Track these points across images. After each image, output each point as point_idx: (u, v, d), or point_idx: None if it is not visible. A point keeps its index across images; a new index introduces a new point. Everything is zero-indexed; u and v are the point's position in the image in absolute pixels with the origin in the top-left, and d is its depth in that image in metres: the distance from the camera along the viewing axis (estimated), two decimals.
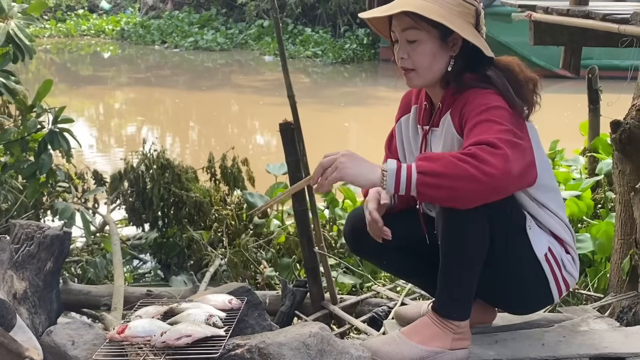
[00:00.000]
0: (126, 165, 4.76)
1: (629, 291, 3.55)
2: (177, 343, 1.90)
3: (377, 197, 2.38)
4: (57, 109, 3.59)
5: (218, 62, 17.17)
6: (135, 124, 11.52)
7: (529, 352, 2.24)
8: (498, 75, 2.19)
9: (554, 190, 2.34)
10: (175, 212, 4.57)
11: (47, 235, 2.15)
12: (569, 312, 2.65)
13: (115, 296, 3.47)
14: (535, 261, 2.24)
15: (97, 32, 21.40)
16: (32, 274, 2.09)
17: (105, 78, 15.50)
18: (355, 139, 10.41)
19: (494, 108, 2.09)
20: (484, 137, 2.00)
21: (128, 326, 1.97)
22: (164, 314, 2.11)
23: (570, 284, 2.33)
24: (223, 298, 2.15)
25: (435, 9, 2.15)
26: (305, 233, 3.49)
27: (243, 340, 1.94)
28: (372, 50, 16.72)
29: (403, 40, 2.23)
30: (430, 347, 2.24)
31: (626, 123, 3.59)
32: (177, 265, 4.82)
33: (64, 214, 3.61)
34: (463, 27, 2.17)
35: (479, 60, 2.21)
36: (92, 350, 1.91)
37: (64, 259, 2.25)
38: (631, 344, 2.25)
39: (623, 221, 3.72)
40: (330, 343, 1.92)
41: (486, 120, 2.06)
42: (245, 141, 9.96)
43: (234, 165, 4.95)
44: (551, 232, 2.30)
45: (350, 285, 4.23)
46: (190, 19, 20.34)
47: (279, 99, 12.26)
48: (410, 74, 2.26)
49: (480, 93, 2.15)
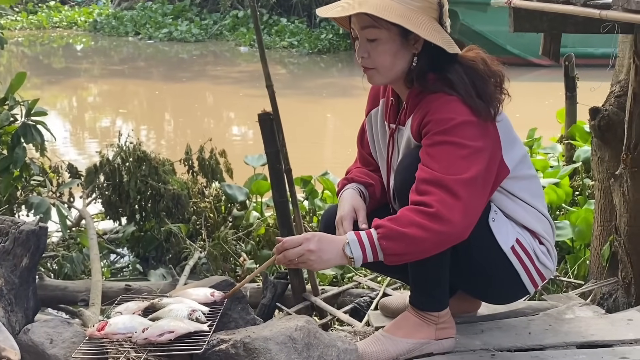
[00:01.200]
0: (101, 158, 4.69)
1: (609, 277, 3.57)
2: (159, 339, 1.86)
3: (352, 215, 2.32)
4: (31, 101, 3.51)
5: (193, 53, 17.04)
6: (110, 116, 11.39)
7: (515, 341, 2.23)
8: (460, 78, 2.14)
9: (529, 178, 2.31)
10: (152, 205, 4.51)
11: (22, 230, 2.09)
12: (553, 299, 2.65)
13: (93, 291, 3.42)
14: (501, 253, 2.22)
15: (70, 24, 21.12)
16: (7, 270, 2.03)
17: (78, 70, 15.30)
18: (333, 130, 10.39)
19: (456, 126, 2.07)
20: (439, 177, 2.03)
21: (108, 323, 1.93)
22: (144, 310, 2.06)
23: (545, 275, 2.31)
24: (205, 292, 2.10)
25: (394, 6, 2.08)
26: (286, 225, 3.45)
27: (227, 335, 1.91)
28: (348, 40, 16.63)
29: (363, 38, 2.17)
30: (415, 339, 2.23)
31: (605, 110, 3.60)
32: (155, 259, 4.77)
33: (39, 209, 3.54)
34: (423, 24, 2.10)
35: (443, 57, 2.15)
36: (71, 348, 1.86)
37: (41, 255, 2.19)
38: (617, 331, 2.25)
39: (602, 208, 3.74)
40: (316, 336, 1.89)
41: (446, 143, 2.06)
42: (222, 133, 9.89)
43: (212, 157, 4.89)
44: (521, 225, 2.28)
45: (331, 276, 4.21)
46: (163, 10, 20.14)
47: (256, 90, 12.17)
48: (371, 72, 2.21)
49: (444, 101, 2.11)
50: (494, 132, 2.15)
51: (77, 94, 13.18)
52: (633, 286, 3.28)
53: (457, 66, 2.16)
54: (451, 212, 2.00)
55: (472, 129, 2.08)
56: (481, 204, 2.11)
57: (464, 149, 2.05)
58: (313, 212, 4.80)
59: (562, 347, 2.17)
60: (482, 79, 2.15)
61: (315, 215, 4.77)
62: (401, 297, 2.59)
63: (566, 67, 5.56)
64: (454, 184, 2.02)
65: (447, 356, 2.18)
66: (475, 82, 2.13)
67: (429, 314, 2.24)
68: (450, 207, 2.00)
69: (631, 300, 3.29)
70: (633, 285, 3.28)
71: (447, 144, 2.06)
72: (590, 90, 4.47)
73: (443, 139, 2.06)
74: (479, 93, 2.12)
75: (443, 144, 2.06)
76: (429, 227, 1.99)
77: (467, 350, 2.19)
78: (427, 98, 2.14)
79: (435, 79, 2.14)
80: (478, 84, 2.14)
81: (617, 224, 3.32)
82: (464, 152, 2.04)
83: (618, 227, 3.30)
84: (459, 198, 2.01)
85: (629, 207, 3.19)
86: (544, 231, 2.31)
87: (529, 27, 3.14)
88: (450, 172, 2.03)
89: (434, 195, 2.02)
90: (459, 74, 2.13)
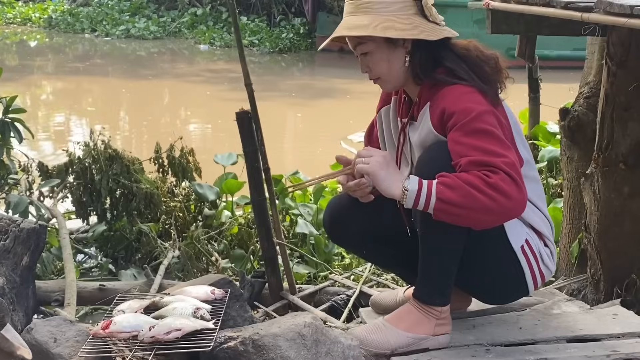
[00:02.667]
0: (69, 156, 4.60)
1: (578, 274, 3.67)
2: (166, 337, 1.86)
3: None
4: (9, 98, 3.44)
5: (151, 51, 16.82)
6: (73, 114, 11.18)
7: (507, 336, 2.29)
8: (459, 65, 2.23)
9: (535, 180, 2.37)
10: (124, 204, 4.46)
11: (22, 229, 2.06)
12: (538, 295, 2.71)
13: (68, 291, 3.37)
14: (512, 252, 2.27)
15: (24, 20, 20.64)
16: (8, 269, 1.99)
17: (31, 67, 14.97)
18: (302, 128, 10.39)
19: (480, 114, 2.12)
20: (491, 159, 2.04)
21: (112, 321, 1.91)
22: (145, 309, 2.05)
23: (546, 276, 2.38)
24: (205, 289, 2.10)
25: (366, 20, 2.22)
26: (263, 223, 3.45)
27: (235, 332, 1.91)
28: (309, 39, 16.68)
29: (359, 55, 2.32)
30: (415, 334, 2.28)
31: (574, 110, 3.71)
32: (124, 259, 4.71)
33: (17, 207, 3.47)
34: (394, 26, 2.20)
35: (434, 47, 2.24)
36: (75, 347, 1.84)
37: (40, 254, 2.16)
38: (604, 326, 2.33)
39: (571, 206, 3.84)
40: (323, 333, 1.92)
41: (478, 131, 2.10)
42: (188, 131, 9.80)
43: (183, 156, 4.85)
44: (530, 225, 2.33)
45: (306, 274, 4.23)
46: (120, 7, 19.81)
47: (222, 89, 12.14)
48: (378, 82, 2.35)
49: (462, 92, 2.17)
50: (506, 121, 2.24)
51: (31, 92, 12.89)
52: (602, 282, 3.37)
53: (451, 53, 2.25)
54: (510, 187, 2.02)
55: (493, 116, 2.16)
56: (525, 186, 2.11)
57: (494, 135, 2.10)
58: (285, 211, 4.81)
59: (553, 342, 2.24)
60: (478, 63, 2.25)
61: (287, 214, 4.78)
62: (392, 293, 2.63)
63: (530, 68, 5.68)
64: (504, 165, 2.04)
65: (444, 351, 2.23)
66: (474, 68, 2.23)
67: (433, 308, 2.27)
68: (508, 183, 2.02)
69: (600, 296, 3.39)
70: (602, 282, 3.37)
71: (479, 132, 2.10)
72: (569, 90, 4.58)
73: (474, 127, 2.10)
74: (481, 77, 2.22)
75: (475, 132, 2.10)
76: (489, 193, 2.00)
77: (461, 346, 2.23)
78: (442, 91, 2.20)
79: (444, 72, 2.23)
80: (477, 69, 2.23)
81: (587, 222, 3.40)
82: (495, 137, 2.10)
83: (588, 225, 3.39)
84: (512, 177, 2.04)
85: (600, 205, 3.28)
86: (549, 234, 2.38)
87: (506, 29, 3.22)
88: (494, 154, 2.06)
89: (493, 171, 2.03)
90: (458, 62, 2.23)
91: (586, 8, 2.50)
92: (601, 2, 2.38)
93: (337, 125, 9.74)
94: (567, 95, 6.73)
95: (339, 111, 10.89)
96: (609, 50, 3.00)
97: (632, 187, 3.20)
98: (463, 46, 2.30)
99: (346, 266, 4.33)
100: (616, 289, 3.29)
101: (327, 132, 9.54)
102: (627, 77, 3.01)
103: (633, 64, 2.98)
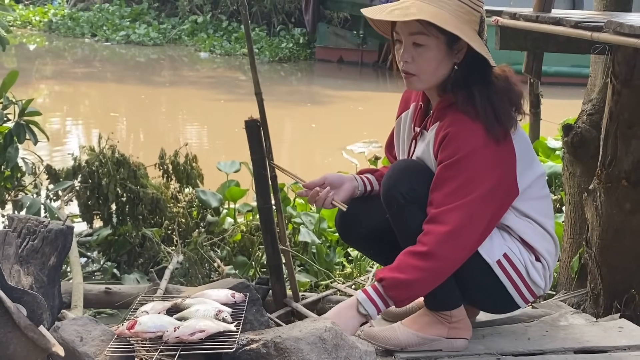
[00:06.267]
0: (74, 160, 4.64)
1: (578, 289, 3.71)
2: (191, 338, 1.89)
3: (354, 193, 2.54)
4: (25, 101, 3.48)
5: (151, 57, 16.87)
6: (68, 118, 11.20)
7: (516, 346, 2.34)
8: (485, 96, 2.22)
9: (541, 198, 2.39)
10: (131, 208, 4.49)
11: (51, 229, 2.10)
12: (544, 307, 2.76)
13: (75, 294, 3.40)
14: (485, 265, 2.30)
15: (24, 23, 20.67)
16: (36, 269, 2.03)
17: (29, 70, 14.96)
18: (304, 137, 10.42)
19: (468, 156, 2.18)
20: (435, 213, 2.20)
21: (138, 321, 1.95)
22: (167, 310, 2.09)
23: (536, 292, 2.38)
24: (225, 293, 2.15)
25: (447, 17, 2.16)
26: (269, 230, 3.49)
27: (256, 335, 1.96)
28: (308, 50, 16.78)
29: (409, 43, 2.24)
30: (426, 334, 2.34)
31: (578, 127, 3.77)
32: (126, 263, 4.74)
33: (31, 209, 3.50)
34: (471, 36, 2.20)
35: (480, 69, 2.24)
36: (100, 346, 1.88)
37: (66, 254, 2.20)
38: (610, 338, 2.38)
39: (573, 221, 3.89)
40: (342, 338, 1.96)
41: (452, 178, 2.19)
42: (191, 138, 9.84)
43: (187, 162, 4.89)
44: (520, 238, 2.35)
45: (307, 283, 4.27)
46: (121, 13, 19.88)
47: (225, 96, 12.17)
48: (412, 78, 2.29)
49: (465, 127, 2.20)
50: (508, 156, 2.25)
51: (29, 95, 12.81)
52: (602, 297, 3.42)
53: (487, 80, 2.25)
54: (442, 246, 2.16)
55: (486, 157, 2.19)
56: (478, 226, 2.21)
57: (468, 180, 2.18)
58: (288, 219, 4.84)
59: (561, 353, 2.29)
60: (502, 98, 2.25)
61: (290, 222, 4.82)
62: None
63: (531, 84, 5.75)
64: (443, 214, 2.17)
65: (454, 358, 2.28)
66: (495, 103, 2.22)
67: (441, 313, 2.34)
68: (441, 242, 2.16)
69: (599, 310, 3.43)
70: (602, 297, 3.42)
71: (451, 179, 2.19)
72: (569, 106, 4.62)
73: (450, 174, 2.19)
74: (497, 114, 2.21)
75: (449, 179, 2.19)
76: (424, 267, 2.16)
77: (472, 354, 2.29)
78: (452, 115, 2.23)
79: (466, 96, 2.23)
80: (498, 104, 2.22)
81: (588, 236, 3.45)
82: (466, 182, 2.17)
83: (589, 240, 3.44)
84: (449, 225, 2.16)
85: (601, 220, 3.33)
86: (545, 250, 2.38)
87: (514, 45, 3.28)
88: (445, 202, 2.18)
89: (425, 235, 2.19)
90: (484, 92, 2.23)
91: (596, 27, 2.55)
92: (611, 22, 2.44)
93: (335, 135, 9.80)
94: (565, 111, 6.81)
95: (336, 121, 10.96)
96: (614, 68, 3.06)
97: (634, 204, 3.25)
98: (496, 75, 2.28)
99: (347, 275, 4.37)
100: (615, 304, 3.34)
101: (326, 142, 9.59)
102: (631, 95, 3.07)
103: (638, 83, 3.04)
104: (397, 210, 2.29)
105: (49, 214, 3.74)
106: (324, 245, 4.60)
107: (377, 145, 8.53)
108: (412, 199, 2.26)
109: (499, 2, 6.27)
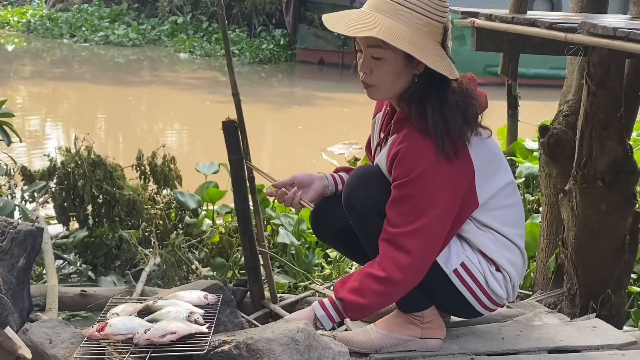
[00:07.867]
0: (49, 161, 4.59)
1: (554, 289, 3.74)
2: (161, 340, 1.88)
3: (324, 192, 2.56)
4: None
5: (130, 58, 16.77)
6: (46, 118, 11.10)
7: (490, 346, 2.35)
8: (437, 111, 2.18)
9: (505, 207, 2.35)
10: (107, 210, 4.45)
11: (20, 230, 2.07)
12: (519, 307, 2.78)
13: (50, 296, 3.36)
14: (441, 273, 2.30)
15: (2, 24, 20.45)
16: (4, 270, 2.00)
17: (7, 71, 14.82)
18: (282, 138, 10.41)
19: (419, 176, 2.17)
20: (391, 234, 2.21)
21: (108, 324, 1.93)
22: (139, 312, 2.07)
23: (497, 301, 2.37)
24: (198, 294, 2.13)
25: (403, 30, 2.11)
26: (247, 232, 3.48)
27: (228, 336, 1.94)
28: (289, 51, 16.76)
29: (367, 55, 2.21)
30: (399, 335, 2.35)
31: (554, 128, 3.79)
32: (103, 265, 4.70)
33: (4, 210, 3.46)
34: (430, 51, 2.15)
35: (438, 81, 2.20)
36: (70, 349, 1.86)
37: (36, 256, 2.17)
38: (584, 337, 2.40)
39: (549, 222, 3.92)
40: (315, 338, 1.95)
41: (405, 197, 2.20)
42: (170, 139, 9.78)
43: (165, 163, 4.86)
44: (478, 249, 2.34)
45: (286, 284, 4.26)
46: (100, 13, 19.74)
47: (204, 97, 12.12)
48: (371, 89, 2.27)
49: (415, 144, 2.19)
50: (465, 169, 2.22)
51: (7, 95, 12.74)
52: (578, 297, 3.44)
53: (442, 94, 2.20)
54: (401, 270, 2.18)
55: (438, 174, 2.17)
56: (435, 247, 2.23)
57: (422, 199, 2.18)
58: (267, 220, 4.83)
59: (534, 352, 2.30)
60: (455, 114, 2.20)
61: (268, 224, 4.80)
62: None
63: (508, 85, 5.78)
64: (402, 238, 2.18)
65: (429, 358, 2.29)
66: (448, 118, 2.18)
67: (413, 314, 2.35)
68: (400, 269, 2.18)
69: (575, 310, 3.46)
70: (578, 297, 3.44)
71: (406, 199, 2.19)
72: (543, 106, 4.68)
73: (403, 192, 2.19)
74: (449, 130, 2.17)
75: (404, 198, 2.20)
76: (384, 292, 2.21)
77: (446, 354, 2.30)
78: (406, 130, 2.23)
79: (418, 111, 2.20)
80: (450, 120, 2.18)
81: (564, 237, 3.48)
82: (420, 202, 2.18)
83: (565, 241, 3.46)
84: (408, 252, 2.18)
85: (577, 221, 3.36)
86: (506, 260, 2.35)
87: (490, 47, 3.29)
88: (401, 224, 2.19)
89: (385, 258, 2.21)
90: (437, 107, 2.19)
91: (570, 29, 2.57)
92: (585, 23, 2.46)
93: (315, 136, 9.81)
94: (543, 112, 6.85)
95: (318, 122, 10.96)
96: (589, 70, 3.08)
97: (609, 204, 3.28)
98: (453, 87, 2.22)
99: (326, 276, 4.37)
100: (591, 304, 3.37)
101: (306, 143, 9.59)
102: (606, 96, 3.09)
103: (612, 84, 3.07)
104: (357, 217, 2.31)
105: (22, 216, 3.69)
106: (303, 247, 4.60)
107: (357, 146, 8.55)
108: (371, 206, 2.27)
109: (479, 4, 6.30)
